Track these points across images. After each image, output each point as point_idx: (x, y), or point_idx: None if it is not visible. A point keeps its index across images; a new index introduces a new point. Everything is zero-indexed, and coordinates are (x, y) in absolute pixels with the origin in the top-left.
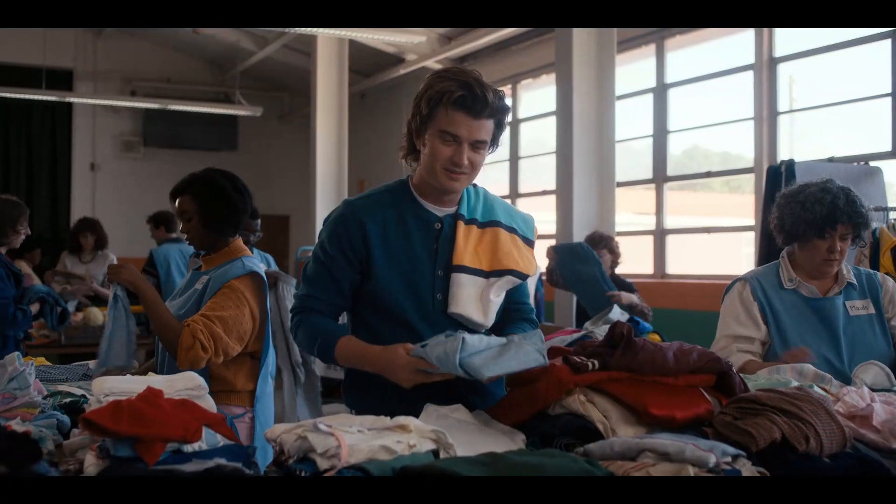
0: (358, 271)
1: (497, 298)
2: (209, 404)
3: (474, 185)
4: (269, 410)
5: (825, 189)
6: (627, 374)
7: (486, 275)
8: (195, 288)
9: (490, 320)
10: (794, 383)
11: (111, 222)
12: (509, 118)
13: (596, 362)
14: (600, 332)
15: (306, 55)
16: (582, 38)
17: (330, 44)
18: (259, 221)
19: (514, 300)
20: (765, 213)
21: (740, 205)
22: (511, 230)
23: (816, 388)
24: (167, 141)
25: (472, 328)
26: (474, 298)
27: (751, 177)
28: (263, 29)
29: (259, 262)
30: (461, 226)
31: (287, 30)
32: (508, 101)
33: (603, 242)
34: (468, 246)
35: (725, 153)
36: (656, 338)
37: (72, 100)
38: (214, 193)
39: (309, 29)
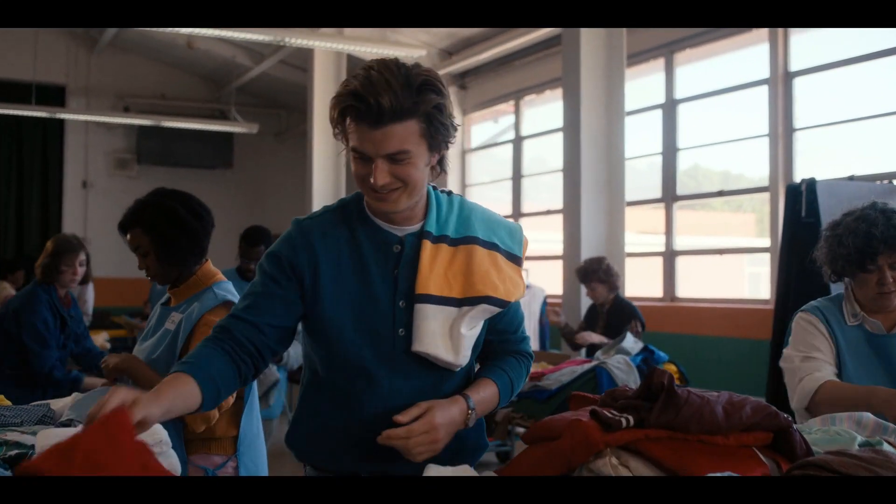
0: (299, 303)
1: (471, 331)
2: (172, 464)
3: (449, 193)
4: (258, 454)
5: (861, 217)
6: (668, 433)
7: (458, 303)
8: (166, 328)
9: (463, 358)
10: (859, 438)
11: (103, 242)
12: (446, 103)
13: (630, 418)
14: (613, 362)
15: (303, 71)
16: (590, 51)
17: (327, 59)
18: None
19: (498, 329)
20: (785, 233)
21: (742, 224)
22: (491, 246)
23: (886, 446)
24: (161, 158)
25: (443, 368)
26: (442, 333)
27: (752, 196)
28: (259, 44)
29: (232, 286)
30: (427, 246)
31: (283, 43)
32: (438, 81)
33: (595, 276)
34: (435, 269)
35: (726, 172)
36: (673, 368)
37: (64, 116)
38: (168, 222)
39: (306, 42)
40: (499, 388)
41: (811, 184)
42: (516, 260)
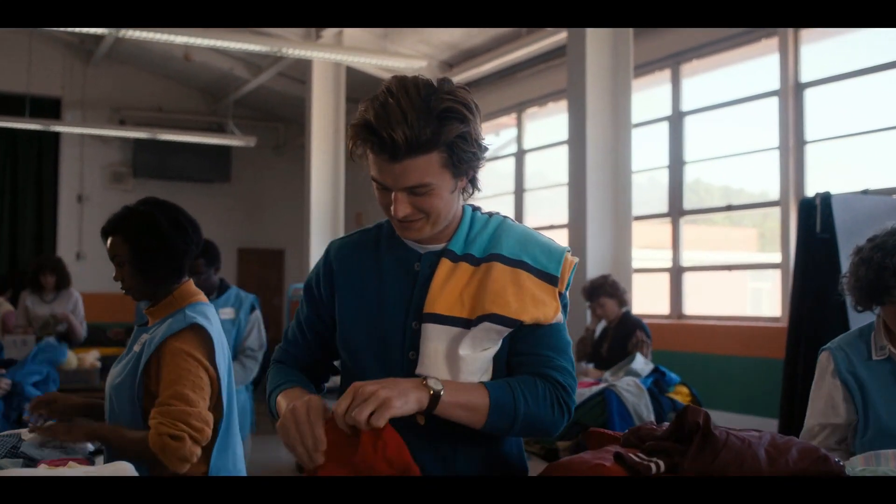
0: (329, 326)
1: (473, 353)
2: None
3: (489, 214)
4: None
5: (879, 246)
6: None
7: (465, 324)
8: (134, 350)
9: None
10: None
11: (98, 256)
12: (472, 129)
13: (661, 463)
14: (622, 384)
15: (301, 83)
16: (596, 62)
17: (326, 71)
18: (218, 255)
19: (521, 351)
20: (798, 249)
21: (743, 239)
22: (516, 263)
23: None
24: (158, 172)
25: None
26: (444, 355)
27: (753, 210)
28: (257, 55)
29: (210, 310)
30: (444, 264)
31: (281, 54)
32: (463, 106)
33: (602, 290)
34: (448, 288)
35: (726, 187)
36: (685, 390)
37: (59, 129)
38: (151, 234)
39: (304, 53)
40: (490, 393)
41: (826, 198)
42: (549, 279)
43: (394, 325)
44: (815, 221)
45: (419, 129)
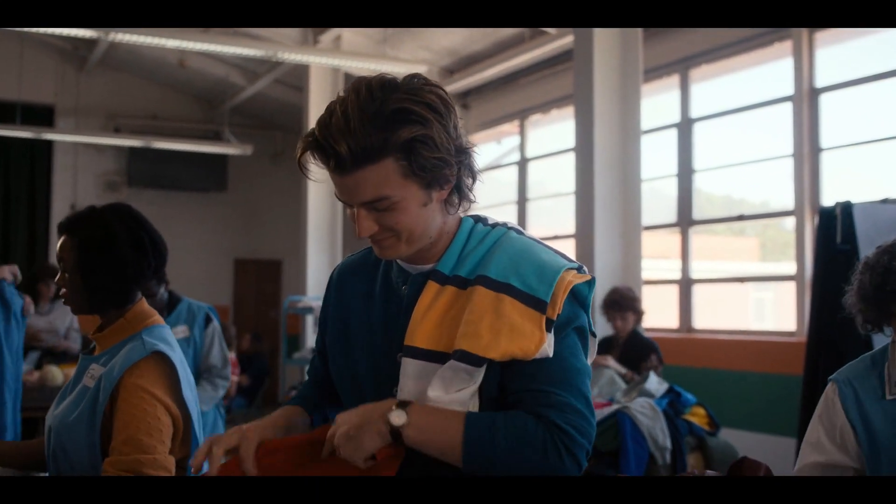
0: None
1: (445, 395)
2: None
3: (493, 225)
4: None
5: (887, 249)
6: None
7: (442, 359)
8: (84, 384)
9: None
10: None
11: None
12: (432, 131)
13: None
14: (636, 406)
15: (299, 90)
16: (604, 66)
17: (323, 77)
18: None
19: (512, 389)
20: (817, 261)
21: (745, 249)
22: (500, 287)
23: None
24: (153, 181)
25: None
26: (418, 397)
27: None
28: (254, 61)
29: (169, 333)
30: (430, 287)
31: (277, 58)
32: (424, 106)
33: (626, 304)
34: (429, 316)
35: (727, 196)
36: (701, 412)
37: (51, 137)
38: (102, 245)
39: (301, 57)
40: (466, 422)
41: (847, 207)
42: (536, 304)
43: (378, 357)
44: (835, 232)
45: (363, 137)
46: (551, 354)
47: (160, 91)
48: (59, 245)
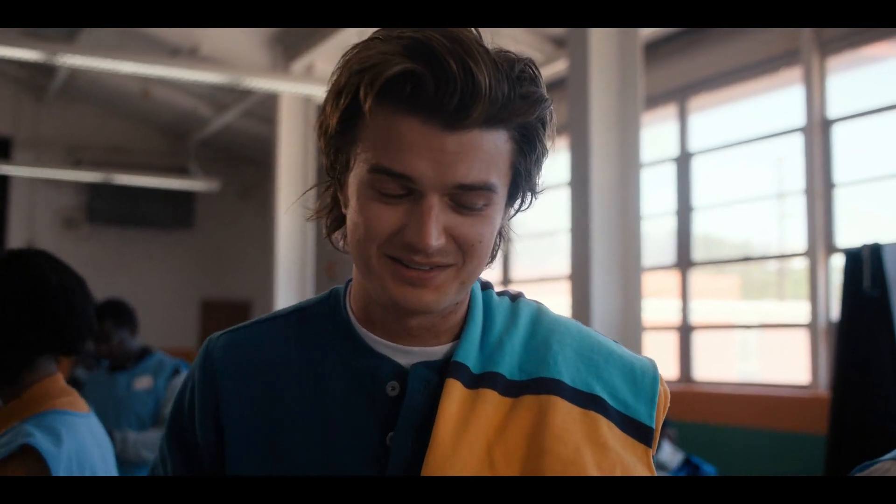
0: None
1: None
2: None
3: (514, 297)
4: None
5: None
6: None
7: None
8: None
9: None
10: None
11: None
12: (549, 130)
13: None
14: None
15: (269, 122)
16: (602, 94)
17: (295, 108)
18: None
19: None
20: (844, 309)
21: (727, 288)
22: (587, 401)
23: None
24: (115, 217)
25: None
26: None
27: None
28: (222, 90)
29: (73, 422)
30: (454, 389)
31: (245, 86)
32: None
33: None
34: (467, 438)
35: (706, 236)
36: None
37: (8, 171)
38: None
39: (270, 84)
40: None
41: (876, 249)
42: (639, 432)
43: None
44: (861, 276)
45: (499, 83)
46: None
47: (123, 123)
48: None
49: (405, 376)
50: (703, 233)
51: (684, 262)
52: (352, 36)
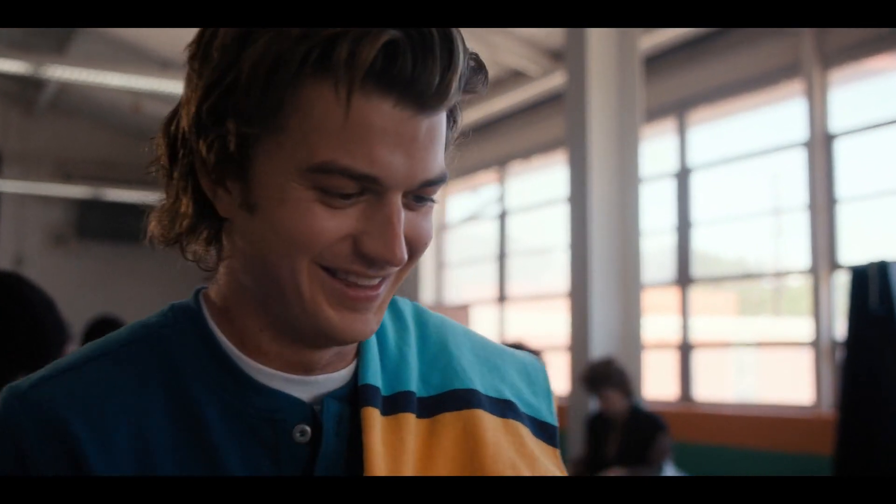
0: None
1: None
2: None
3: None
4: None
5: None
6: None
7: None
8: None
9: None
10: None
11: None
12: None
13: None
14: None
15: None
16: (600, 108)
17: None
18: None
19: None
20: (850, 328)
21: (723, 305)
22: (502, 408)
23: None
24: (106, 233)
25: None
26: None
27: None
28: None
29: None
30: (371, 418)
31: None
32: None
33: (607, 381)
34: (400, 473)
35: (703, 253)
36: None
37: None
38: None
39: None
40: None
41: (882, 267)
42: (547, 434)
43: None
44: (867, 293)
45: (466, 51)
46: None
47: (114, 138)
48: None
49: (314, 416)
50: (701, 249)
51: (684, 278)
52: None
